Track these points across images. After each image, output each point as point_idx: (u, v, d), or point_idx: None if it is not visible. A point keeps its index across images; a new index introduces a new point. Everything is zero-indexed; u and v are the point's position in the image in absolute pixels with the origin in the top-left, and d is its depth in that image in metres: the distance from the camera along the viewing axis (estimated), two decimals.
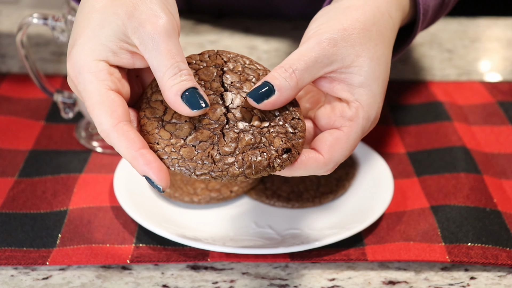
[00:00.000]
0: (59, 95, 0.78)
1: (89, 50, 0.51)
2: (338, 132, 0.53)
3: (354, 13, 0.54)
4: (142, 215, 0.63)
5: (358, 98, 0.53)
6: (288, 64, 0.52)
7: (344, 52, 0.53)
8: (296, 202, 0.67)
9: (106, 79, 0.50)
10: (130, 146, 0.49)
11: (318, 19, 0.56)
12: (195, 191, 0.68)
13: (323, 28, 0.54)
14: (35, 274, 0.60)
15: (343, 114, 0.53)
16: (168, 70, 0.50)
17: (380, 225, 0.65)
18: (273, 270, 0.61)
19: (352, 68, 0.53)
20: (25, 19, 0.73)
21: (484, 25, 1.13)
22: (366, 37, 0.54)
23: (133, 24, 0.50)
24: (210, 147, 0.50)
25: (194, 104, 0.50)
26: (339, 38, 0.53)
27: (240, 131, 0.51)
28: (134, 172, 0.70)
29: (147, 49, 0.50)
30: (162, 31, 0.50)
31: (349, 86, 0.53)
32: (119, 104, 0.50)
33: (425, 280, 0.60)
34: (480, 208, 0.66)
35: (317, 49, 0.52)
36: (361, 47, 0.53)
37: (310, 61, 0.52)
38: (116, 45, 0.51)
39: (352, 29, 0.53)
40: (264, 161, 0.51)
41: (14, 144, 0.77)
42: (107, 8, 0.51)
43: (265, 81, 0.52)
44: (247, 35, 1.07)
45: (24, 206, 0.67)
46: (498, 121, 0.83)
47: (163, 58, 0.50)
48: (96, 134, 0.78)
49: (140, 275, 0.60)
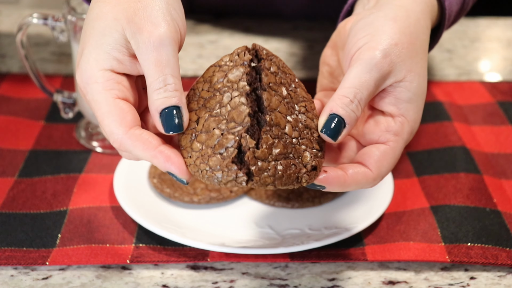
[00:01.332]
0: (59, 95, 0.78)
1: (94, 60, 0.51)
2: (384, 147, 0.53)
3: (401, 26, 0.54)
4: (142, 215, 0.63)
5: (404, 113, 0.54)
6: (352, 94, 0.51)
7: (397, 68, 0.53)
8: (296, 202, 0.67)
9: (113, 88, 0.50)
10: (146, 148, 0.49)
11: (364, 28, 0.55)
12: (195, 191, 0.68)
13: (374, 42, 0.53)
14: (35, 274, 0.60)
15: (389, 128, 0.53)
16: (155, 81, 0.49)
17: (380, 225, 0.65)
18: (273, 270, 0.61)
19: (402, 83, 0.53)
20: (25, 19, 0.73)
21: (484, 25, 1.13)
22: (414, 52, 0.54)
23: (132, 29, 0.50)
24: (234, 152, 0.49)
25: (168, 126, 0.50)
26: (393, 54, 0.53)
27: (275, 137, 0.50)
28: (134, 172, 0.70)
29: (141, 55, 0.50)
30: (157, 40, 0.49)
31: (396, 100, 0.54)
32: (128, 111, 0.50)
33: (425, 280, 0.60)
34: (480, 208, 0.66)
35: (375, 72, 0.52)
36: (411, 61, 0.53)
37: (371, 87, 0.52)
38: (119, 52, 0.51)
39: (402, 43, 0.53)
40: (293, 174, 0.50)
41: (14, 144, 0.77)
42: (108, 14, 0.51)
43: (334, 114, 0.51)
44: (247, 35, 1.07)
45: (24, 206, 0.67)
46: (498, 121, 0.83)
47: (152, 68, 0.50)
48: (96, 134, 0.78)
49: (140, 275, 0.60)
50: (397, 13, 0.55)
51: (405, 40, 0.54)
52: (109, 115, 0.50)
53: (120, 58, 0.51)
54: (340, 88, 0.52)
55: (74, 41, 0.73)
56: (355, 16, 0.58)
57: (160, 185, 0.68)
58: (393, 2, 0.56)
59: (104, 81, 0.50)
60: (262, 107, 0.51)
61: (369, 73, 0.52)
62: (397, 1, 0.56)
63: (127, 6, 0.51)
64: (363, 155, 0.53)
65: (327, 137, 0.51)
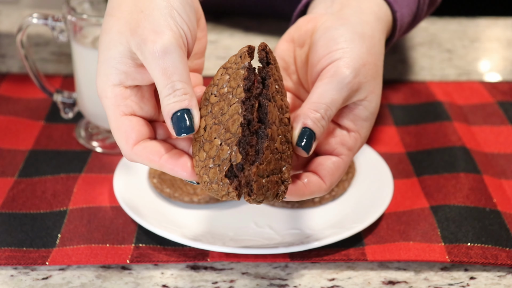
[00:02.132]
0: (59, 95, 0.78)
1: (103, 75, 0.52)
2: (337, 160, 0.55)
3: (368, 46, 0.56)
4: (142, 215, 0.63)
5: (359, 130, 0.56)
6: (323, 110, 0.53)
7: (362, 88, 0.55)
8: (295, 202, 0.67)
9: (119, 105, 0.52)
10: (152, 160, 0.51)
11: (335, 40, 0.56)
12: (195, 191, 0.68)
13: (347, 60, 0.54)
14: (34, 274, 0.60)
15: (343, 142, 0.56)
16: (164, 89, 0.50)
17: (380, 225, 0.65)
18: (272, 270, 0.61)
19: (363, 102, 0.56)
20: (25, 19, 0.73)
21: (483, 25, 1.13)
22: (376, 72, 0.56)
23: (136, 41, 0.51)
24: (228, 165, 0.48)
25: (178, 128, 0.51)
26: (361, 75, 0.55)
27: (272, 153, 0.49)
28: (134, 172, 0.70)
29: (148, 66, 0.51)
30: (160, 49, 0.50)
31: (355, 117, 0.56)
32: (133, 128, 0.51)
33: (424, 280, 0.60)
34: (479, 208, 0.66)
35: (345, 91, 0.54)
36: (374, 82, 0.56)
37: (339, 105, 0.54)
38: (125, 65, 0.51)
39: (369, 64, 0.55)
40: (275, 191, 0.50)
41: (14, 144, 0.77)
42: (113, 28, 0.52)
43: (306, 128, 0.53)
44: (247, 35, 1.07)
45: (24, 206, 0.67)
46: (498, 121, 0.83)
47: (159, 76, 0.50)
48: (96, 134, 0.78)
49: (140, 275, 0.60)
50: (364, 30, 0.57)
51: (371, 60, 0.56)
52: (116, 132, 0.52)
53: (127, 70, 0.52)
54: (311, 102, 0.54)
55: (74, 41, 0.73)
56: (318, 18, 0.59)
57: (160, 185, 0.68)
58: (359, 16, 0.58)
59: (111, 97, 0.52)
60: (263, 118, 0.50)
61: (340, 92, 0.54)
62: (363, 15, 0.58)
63: (130, 18, 0.51)
64: (318, 165, 0.55)
65: (303, 150, 0.53)
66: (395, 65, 0.99)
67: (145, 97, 0.53)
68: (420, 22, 0.76)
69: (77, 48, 0.73)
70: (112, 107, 0.52)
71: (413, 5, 0.69)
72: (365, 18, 0.58)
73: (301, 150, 0.53)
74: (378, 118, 0.83)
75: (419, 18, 0.73)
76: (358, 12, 0.58)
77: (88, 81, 0.74)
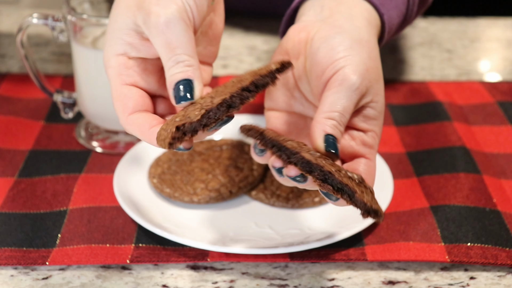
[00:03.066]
0: (59, 95, 0.78)
1: (109, 46, 0.53)
2: (365, 161, 0.56)
3: (367, 51, 0.57)
4: (142, 215, 0.63)
5: (373, 128, 0.57)
6: (338, 117, 0.54)
7: (368, 92, 0.56)
8: (295, 202, 0.67)
9: (122, 74, 0.53)
10: (140, 131, 0.52)
11: (335, 49, 0.56)
12: (195, 191, 0.68)
13: (352, 68, 0.55)
14: (34, 274, 0.60)
15: (364, 142, 0.57)
16: (168, 61, 0.51)
17: (379, 225, 0.65)
18: (272, 270, 0.61)
19: (371, 104, 0.57)
20: (25, 19, 0.73)
21: (483, 25, 1.13)
22: (378, 75, 0.57)
23: (142, 15, 0.52)
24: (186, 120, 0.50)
25: (178, 97, 0.51)
26: (366, 80, 0.55)
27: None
28: (134, 172, 0.70)
29: (153, 39, 0.52)
30: (164, 21, 0.51)
31: (365, 118, 0.57)
32: (131, 97, 0.53)
33: (424, 280, 0.60)
34: (479, 208, 0.66)
35: (355, 98, 0.55)
36: (377, 85, 0.57)
37: (352, 111, 0.55)
38: (131, 37, 0.53)
39: (371, 68, 0.56)
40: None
41: (14, 144, 0.77)
42: (121, 3, 0.53)
43: (328, 134, 0.53)
44: (247, 35, 1.07)
45: (24, 206, 0.67)
46: (498, 121, 0.83)
47: (163, 49, 0.51)
48: (96, 134, 0.78)
49: (140, 275, 0.60)
50: (360, 36, 0.57)
51: (373, 65, 0.57)
52: (115, 100, 0.53)
53: (132, 42, 0.53)
54: (324, 112, 0.54)
55: (74, 41, 0.73)
56: (310, 26, 0.59)
57: (160, 185, 0.68)
58: (352, 22, 0.59)
59: (115, 66, 0.53)
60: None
61: (351, 98, 0.55)
62: (356, 21, 0.59)
63: None
64: (353, 171, 0.55)
65: (333, 153, 0.53)
66: (395, 65, 0.98)
67: (148, 70, 0.54)
68: (411, 22, 0.76)
69: (77, 48, 0.73)
70: (114, 75, 0.53)
71: (402, 6, 0.69)
72: (358, 24, 0.59)
73: (331, 154, 0.53)
74: None
75: (410, 19, 0.74)
76: (350, 18, 0.59)
77: (88, 81, 0.74)
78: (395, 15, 0.67)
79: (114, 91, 0.53)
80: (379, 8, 0.63)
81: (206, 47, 0.59)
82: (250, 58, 1.00)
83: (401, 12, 0.69)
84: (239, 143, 0.75)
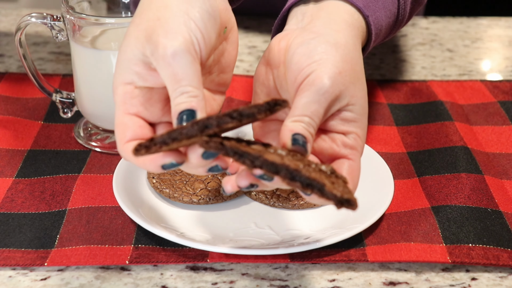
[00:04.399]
0: (58, 94, 0.78)
1: (117, 74, 0.55)
2: (349, 161, 0.56)
3: (342, 54, 0.57)
4: (141, 215, 0.63)
5: (354, 130, 0.57)
6: (306, 120, 0.54)
7: (342, 95, 0.56)
8: (296, 202, 0.67)
9: (126, 102, 0.54)
10: (135, 158, 0.52)
11: (307, 55, 0.56)
12: (195, 192, 0.67)
13: (321, 71, 0.55)
14: (33, 275, 0.59)
15: (345, 143, 0.57)
16: (173, 93, 0.52)
17: (380, 226, 0.65)
18: (273, 271, 0.60)
19: (347, 107, 0.57)
20: (23, 18, 0.73)
21: (485, 25, 1.13)
22: (355, 77, 0.57)
23: (150, 47, 0.52)
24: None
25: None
26: (339, 83, 0.55)
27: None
28: (133, 172, 0.70)
29: (160, 71, 0.52)
30: (170, 53, 0.51)
31: (344, 121, 0.57)
32: (130, 127, 0.54)
33: (426, 281, 0.60)
34: (481, 209, 0.66)
35: (323, 101, 0.55)
36: (353, 87, 0.56)
37: (321, 115, 0.55)
38: (139, 67, 0.54)
39: (345, 71, 0.56)
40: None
41: (12, 144, 0.76)
42: (131, 34, 0.54)
43: (296, 133, 0.53)
44: (247, 35, 1.07)
45: (23, 207, 0.66)
46: (500, 121, 0.83)
47: (169, 81, 0.52)
48: (95, 134, 0.78)
49: (139, 276, 0.60)
50: (336, 40, 0.57)
51: (347, 67, 0.56)
52: (115, 128, 0.54)
53: (140, 71, 0.54)
54: (293, 116, 0.54)
55: (73, 41, 0.73)
56: (290, 34, 0.60)
57: (159, 185, 0.68)
58: (329, 26, 0.59)
59: (121, 94, 0.54)
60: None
61: (319, 102, 0.54)
62: (334, 25, 0.59)
63: (147, 25, 0.53)
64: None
65: (301, 147, 0.52)
66: (396, 65, 0.98)
67: (153, 99, 0.55)
68: (406, 22, 0.75)
69: (76, 48, 0.73)
70: (118, 103, 0.54)
71: (391, 6, 0.69)
72: (336, 27, 0.59)
73: (299, 148, 0.52)
74: (378, 118, 0.83)
75: (403, 19, 0.73)
76: (328, 22, 0.59)
77: (87, 81, 0.74)
78: (383, 16, 0.67)
79: (116, 118, 0.54)
80: (363, 10, 0.62)
81: (218, 75, 0.60)
82: (250, 58, 1.00)
83: (391, 12, 0.69)
84: None
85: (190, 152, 0.51)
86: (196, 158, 0.51)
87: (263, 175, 0.51)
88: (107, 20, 0.70)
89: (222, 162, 0.52)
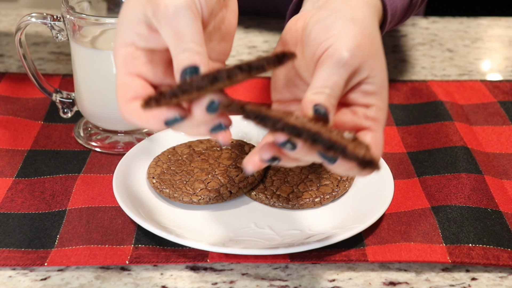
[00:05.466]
0: (58, 94, 0.78)
1: (118, 36, 0.54)
2: (371, 133, 0.55)
3: (360, 28, 0.56)
4: (141, 215, 0.63)
5: (375, 102, 0.56)
6: (328, 91, 0.53)
7: (362, 67, 0.55)
8: (296, 203, 0.67)
9: (127, 63, 0.54)
10: (139, 117, 0.52)
11: (325, 30, 0.56)
12: (195, 192, 0.67)
13: (340, 44, 0.55)
14: (33, 275, 0.59)
15: (367, 115, 0.56)
16: (176, 50, 0.52)
17: (380, 226, 0.65)
18: (273, 271, 0.60)
19: (367, 79, 0.56)
20: (23, 18, 0.72)
21: (485, 25, 1.13)
22: (374, 50, 0.57)
23: (152, 6, 0.52)
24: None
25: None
26: (358, 55, 0.55)
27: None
28: (133, 172, 0.70)
29: (161, 30, 0.52)
30: (172, 11, 0.51)
31: (364, 94, 0.56)
32: (131, 87, 0.53)
33: (426, 281, 0.60)
34: (481, 209, 0.66)
35: (343, 72, 0.54)
36: (372, 60, 0.56)
37: (342, 86, 0.54)
38: (140, 28, 0.53)
39: (364, 44, 0.56)
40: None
41: (12, 144, 0.76)
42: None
43: (318, 105, 0.52)
44: (247, 35, 1.07)
45: (23, 207, 0.66)
46: (500, 121, 0.83)
47: (171, 39, 0.52)
48: (95, 134, 0.77)
49: (139, 276, 0.60)
50: (354, 15, 0.57)
51: (366, 41, 0.56)
52: (117, 89, 0.53)
53: (141, 32, 0.54)
54: (314, 88, 0.54)
55: (73, 41, 0.73)
56: (306, 14, 0.60)
57: (159, 185, 0.68)
58: (346, 3, 0.59)
59: (122, 56, 0.54)
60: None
61: (339, 73, 0.54)
62: (351, 2, 0.59)
63: None
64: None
65: (322, 115, 0.52)
66: (396, 65, 0.98)
67: (155, 61, 0.55)
68: (419, 6, 0.75)
69: (76, 48, 0.73)
70: (120, 64, 0.54)
71: None
72: (353, 5, 0.58)
73: (321, 116, 0.52)
74: None
75: (417, 1, 0.73)
76: (345, 0, 0.59)
77: (87, 81, 0.74)
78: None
79: (117, 80, 0.54)
80: None
81: (219, 43, 0.59)
82: (250, 58, 1.00)
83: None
84: (239, 143, 0.75)
85: (194, 106, 0.51)
86: (201, 111, 0.50)
87: (286, 142, 0.50)
88: (107, 20, 0.70)
89: (226, 119, 0.52)
